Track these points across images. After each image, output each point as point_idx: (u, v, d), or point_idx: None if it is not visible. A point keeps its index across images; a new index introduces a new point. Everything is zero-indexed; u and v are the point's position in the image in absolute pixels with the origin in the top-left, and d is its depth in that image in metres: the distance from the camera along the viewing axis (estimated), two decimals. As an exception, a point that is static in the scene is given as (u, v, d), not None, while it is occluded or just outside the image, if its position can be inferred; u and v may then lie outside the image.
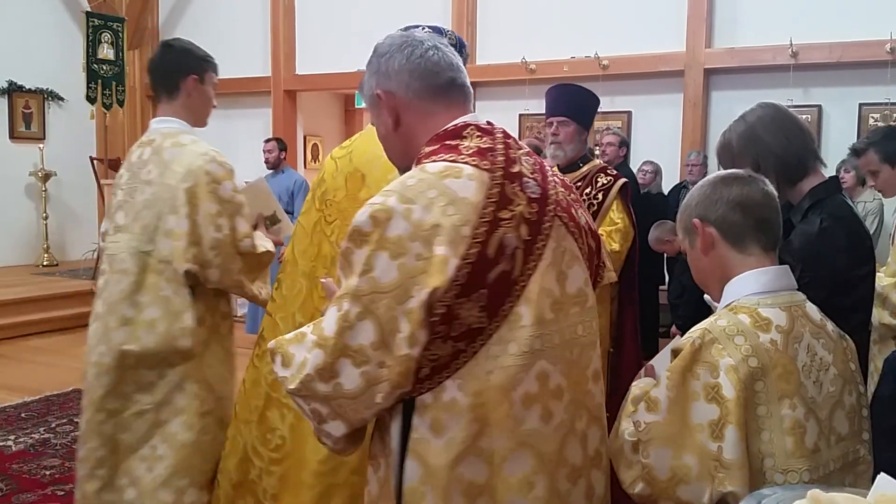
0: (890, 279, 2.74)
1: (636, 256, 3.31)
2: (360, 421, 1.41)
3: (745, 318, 1.46)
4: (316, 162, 10.62)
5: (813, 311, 1.54)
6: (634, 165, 6.95)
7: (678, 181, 7.29)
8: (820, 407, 1.44)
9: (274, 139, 7.32)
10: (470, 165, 1.40)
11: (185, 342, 2.45)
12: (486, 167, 1.40)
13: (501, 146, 1.45)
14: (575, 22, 7.75)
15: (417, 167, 1.44)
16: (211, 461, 2.51)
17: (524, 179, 1.43)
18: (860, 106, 6.80)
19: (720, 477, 1.36)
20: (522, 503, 1.37)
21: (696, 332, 1.47)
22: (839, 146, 6.64)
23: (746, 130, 2.07)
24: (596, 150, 6.75)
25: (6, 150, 9.55)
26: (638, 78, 7.64)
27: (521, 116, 8.07)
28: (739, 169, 1.69)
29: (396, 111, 1.52)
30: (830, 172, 2.16)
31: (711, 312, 1.59)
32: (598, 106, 3.47)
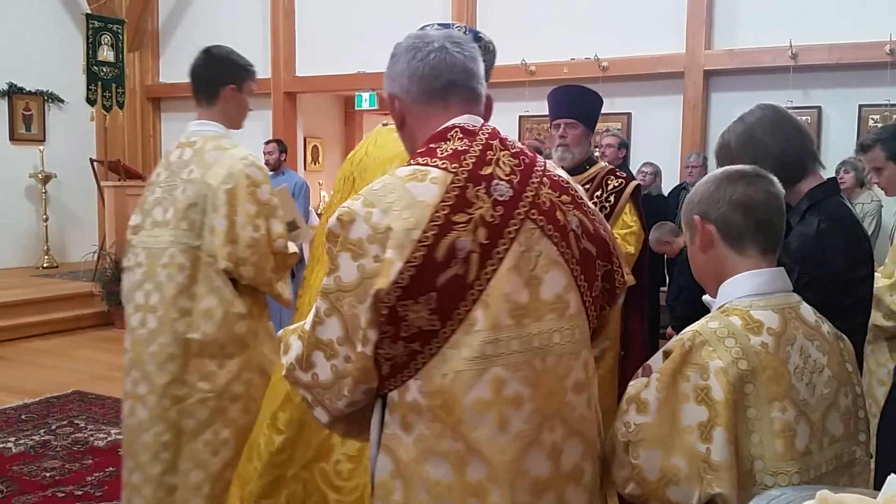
0: (885, 280, 2.75)
1: (646, 259, 3.30)
2: (336, 410, 1.47)
3: (736, 320, 1.46)
4: (316, 164, 10.63)
5: (807, 312, 1.53)
6: (634, 167, 6.95)
7: (678, 183, 7.30)
8: (813, 409, 1.44)
9: (274, 141, 7.33)
10: (438, 168, 1.41)
11: (241, 327, 2.63)
12: (452, 170, 1.40)
13: (479, 148, 1.45)
14: (575, 23, 7.77)
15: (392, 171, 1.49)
16: None
17: (494, 182, 1.40)
18: (860, 107, 6.81)
19: (708, 478, 1.36)
20: None
21: (686, 333, 1.47)
22: (839, 147, 6.66)
23: (745, 132, 2.07)
24: (595, 151, 6.76)
25: (6, 151, 9.57)
26: (638, 79, 7.65)
27: (520, 118, 8.08)
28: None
29: (401, 113, 1.55)
30: (830, 174, 2.17)
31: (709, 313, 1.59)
32: (602, 106, 3.46)
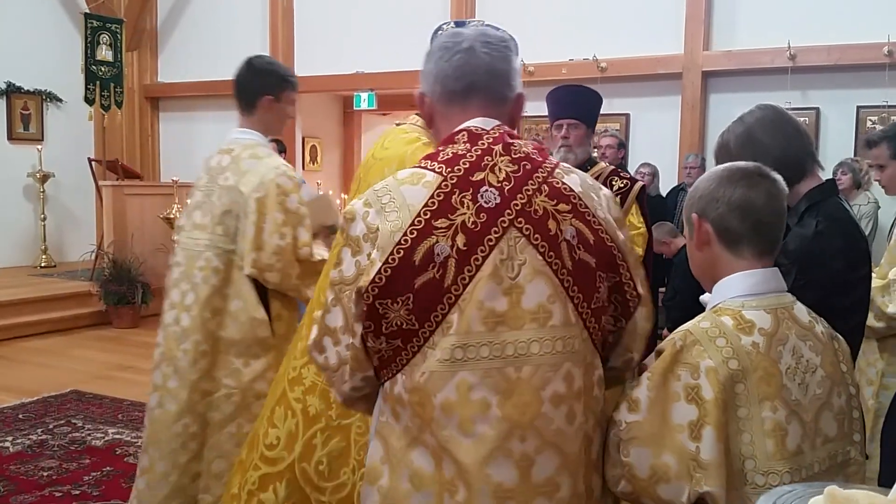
0: (878, 281, 2.75)
1: (650, 260, 3.28)
2: (343, 393, 1.55)
3: (727, 320, 1.46)
4: (314, 163, 10.62)
5: (801, 312, 1.54)
6: (632, 167, 6.96)
7: (676, 183, 7.31)
8: (805, 409, 1.44)
9: (273, 140, 7.32)
10: (433, 172, 1.44)
11: (262, 331, 2.75)
12: (445, 174, 1.43)
13: (479, 153, 1.46)
14: (573, 24, 7.77)
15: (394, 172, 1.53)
16: None
17: (482, 188, 1.41)
18: (858, 108, 6.82)
19: (697, 477, 1.37)
20: (450, 503, 1.41)
21: (678, 333, 1.47)
22: (837, 149, 6.67)
23: (745, 132, 2.06)
24: (594, 151, 6.76)
25: (4, 151, 9.56)
26: (636, 80, 7.66)
27: (519, 118, 8.08)
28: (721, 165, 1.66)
29: (430, 111, 1.59)
30: (828, 175, 2.17)
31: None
32: (601, 105, 3.44)
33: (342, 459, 2.13)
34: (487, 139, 1.48)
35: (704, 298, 2.10)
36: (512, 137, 1.50)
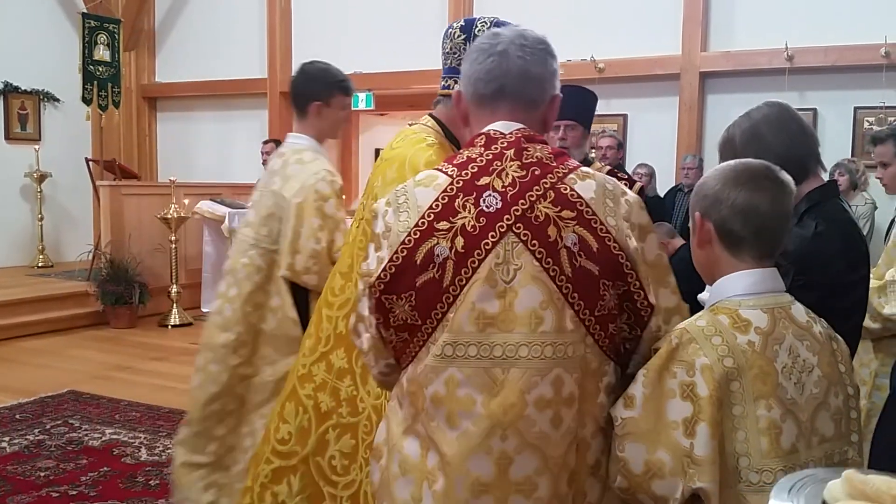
0: (875, 282, 2.75)
1: None
2: (375, 377, 1.67)
3: (724, 318, 1.47)
4: (312, 164, 10.61)
5: (799, 312, 1.54)
6: (630, 168, 6.97)
7: (674, 184, 7.32)
8: (801, 408, 1.45)
9: (272, 140, 7.34)
10: (445, 175, 1.50)
11: (294, 331, 2.82)
12: (454, 177, 1.48)
13: (490, 157, 1.49)
14: (571, 25, 7.77)
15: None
16: None
17: (485, 193, 1.44)
18: (855, 109, 6.83)
19: (691, 473, 1.38)
20: (428, 492, 1.46)
21: (675, 331, 1.47)
22: (834, 150, 6.68)
23: (750, 128, 2.04)
24: (592, 152, 6.77)
25: (1, 151, 9.56)
26: (634, 81, 7.67)
27: (517, 119, 8.08)
28: (730, 161, 1.64)
29: (465, 111, 1.62)
30: (826, 176, 2.16)
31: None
32: (596, 104, 3.44)
33: (352, 456, 2.19)
34: (502, 143, 1.50)
35: (703, 297, 2.10)
36: (530, 141, 1.50)
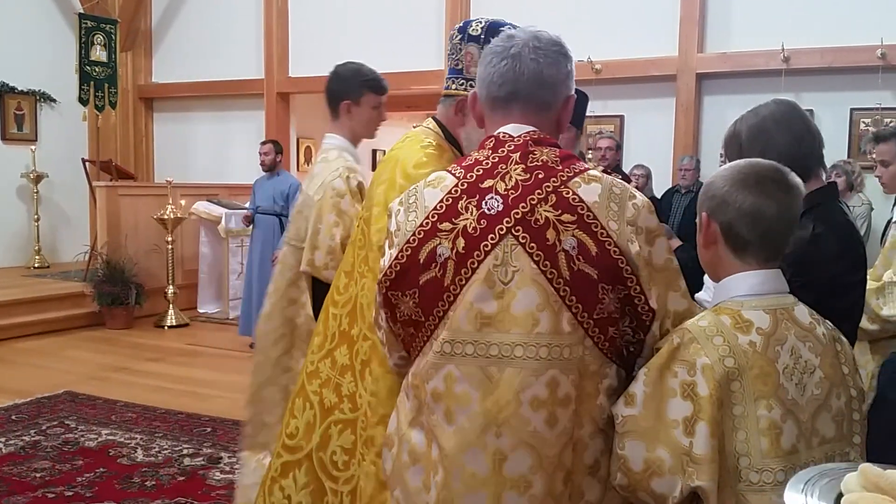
0: (872, 284, 2.75)
1: None
2: (391, 368, 1.75)
3: (726, 319, 1.47)
4: (309, 164, 10.61)
5: (802, 314, 1.54)
6: (626, 169, 6.97)
7: (670, 185, 7.32)
8: (802, 409, 1.45)
9: (270, 142, 7.31)
10: (453, 176, 1.54)
11: (313, 326, 2.89)
12: (461, 179, 1.52)
13: (496, 160, 1.51)
14: (568, 26, 7.76)
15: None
16: None
17: (488, 195, 1.47)
18: (851, 111, 6.84)
19: (690, 471, 1.39)
20: (432, 482, 1.51)
21: (676, 331, 1.48)
22: (830, 151, 6.63)
23: (757, 124, 2.04)
24: (589, 153, 6.78)
25: (-2, 151, 9.54)
26: (631, 82, 7.68)
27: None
28: (739, 160, 1.63)
29: (480, 113, 1.65)
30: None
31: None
32: (587, 104, 3.45)
33: (352, 452, 2.23)
34: (509, 146, 1.52)
35: (700, 297, 2.11)
36: (538, 144, 1.51)
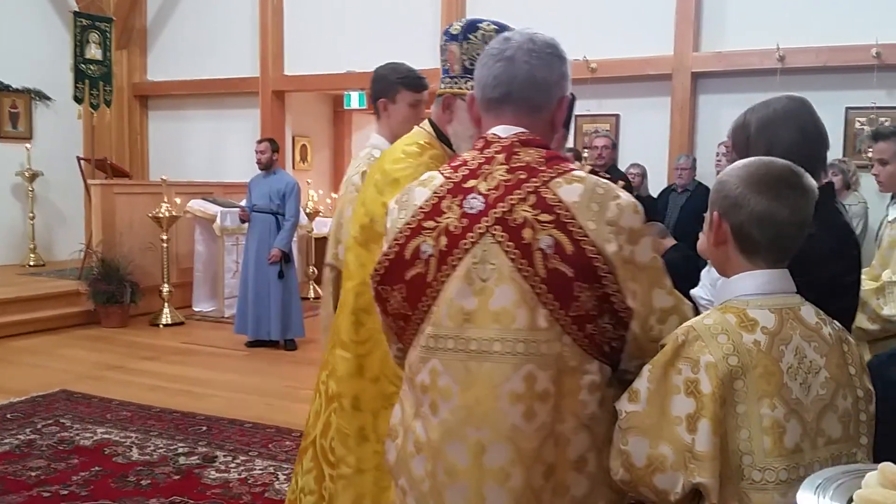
0: (871, 284, 2.76)
1: None
2: (392, 359, 1.78)
3: (731, 317, 1.48)
4: (304, 163, 10.60)
5: (808, 314, 1.54)
6: (622, 168, 6.98)
7: (666, 184, 7.33)
8: (806, 409, 1.45)
9: (266, 140, 7.29)
10: (442, 176, 1.59)
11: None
12: (448, 178, 1.56)
13: (481, 161, 1.55)
14: (563, 25, 7.76)
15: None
16: None
17: (470, 195, 1.51)
18: (846, 110, 6.85)
19: (692, 468, 1.40)
20: (421, 478, 1.56)
21: (682, 328, 1.49)
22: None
23: (766, 117, 2.03)
24: (585, 152, 6.79)
25: (-7, 149, 9.51)
26: (626, 81, 7.68)
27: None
28: (754, 158, 1.62)
29: (476, 114, 1.67)
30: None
31: (698, 313, 1.60)
32: (575, 105, 3.45)
33: (344, 441, 2.30)
34: (495, 147, 1.55)
35: (695, 292, 2.11)
36: (525, 146, 1.54)
